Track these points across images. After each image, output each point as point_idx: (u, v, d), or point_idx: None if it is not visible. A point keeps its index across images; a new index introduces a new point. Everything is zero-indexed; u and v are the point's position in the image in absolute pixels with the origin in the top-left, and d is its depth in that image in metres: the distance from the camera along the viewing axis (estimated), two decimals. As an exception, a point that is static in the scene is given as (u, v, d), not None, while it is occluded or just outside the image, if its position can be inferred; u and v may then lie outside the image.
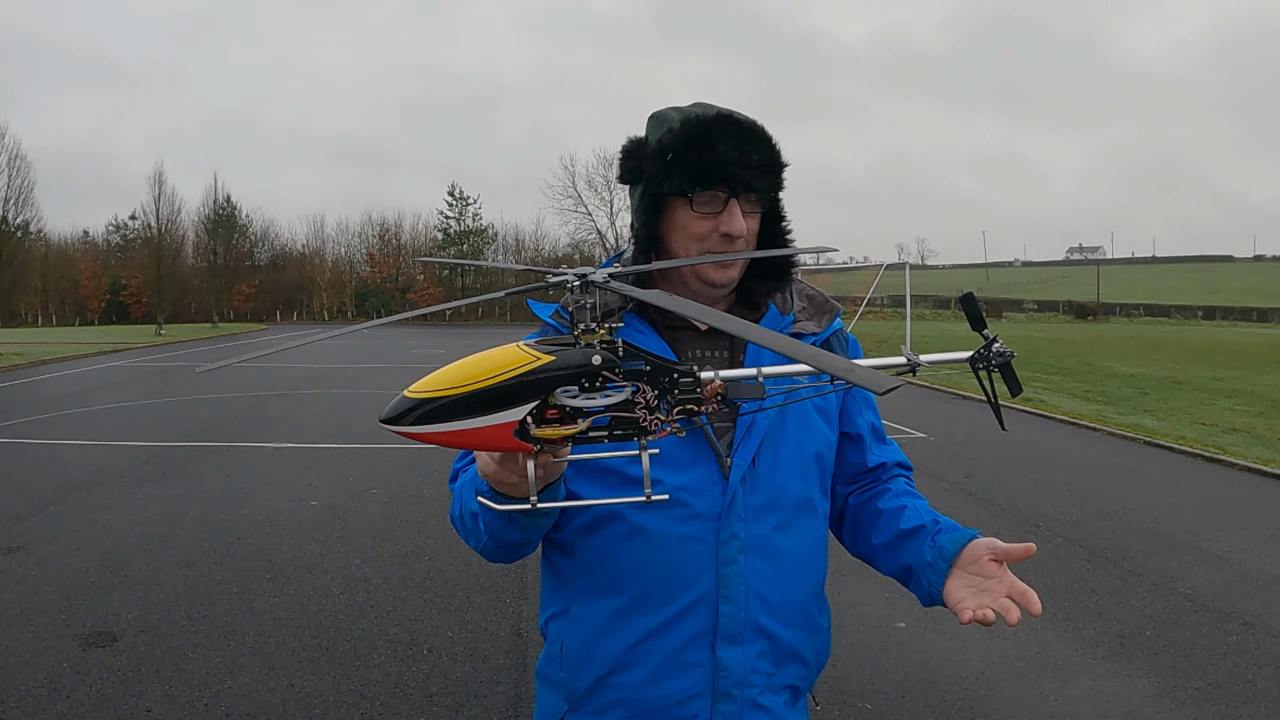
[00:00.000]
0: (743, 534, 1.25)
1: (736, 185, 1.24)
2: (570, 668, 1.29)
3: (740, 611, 1.25)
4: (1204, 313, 67.63)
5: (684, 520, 1.24)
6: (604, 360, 0.89)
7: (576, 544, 1.29)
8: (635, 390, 0.91)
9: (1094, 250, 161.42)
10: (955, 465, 8.05)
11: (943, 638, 4.03)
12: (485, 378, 0.87)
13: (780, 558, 1.28)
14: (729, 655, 1.25)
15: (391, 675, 3.64)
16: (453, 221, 63.87)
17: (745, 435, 1.26)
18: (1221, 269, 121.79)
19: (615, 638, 1.26)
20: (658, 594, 1.24)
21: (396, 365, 19.88)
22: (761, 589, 1.26)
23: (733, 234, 1.25)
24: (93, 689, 3.45)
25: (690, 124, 1.25)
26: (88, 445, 8.87)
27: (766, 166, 1.26)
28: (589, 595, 1.28)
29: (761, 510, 1.26)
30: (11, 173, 27.28)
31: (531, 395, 0.88)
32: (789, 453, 1.29)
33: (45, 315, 59.48)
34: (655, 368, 0.92)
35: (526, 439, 0.90)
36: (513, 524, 1.14)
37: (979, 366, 1.16)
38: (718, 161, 1.22)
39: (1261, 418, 11.31)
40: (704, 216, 1.26)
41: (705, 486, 1.24)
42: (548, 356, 0.88)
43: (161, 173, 56.37)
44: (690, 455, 1.24)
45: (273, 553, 5.22)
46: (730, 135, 1.24)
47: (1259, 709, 3.42)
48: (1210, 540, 5.68)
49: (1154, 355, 23.51)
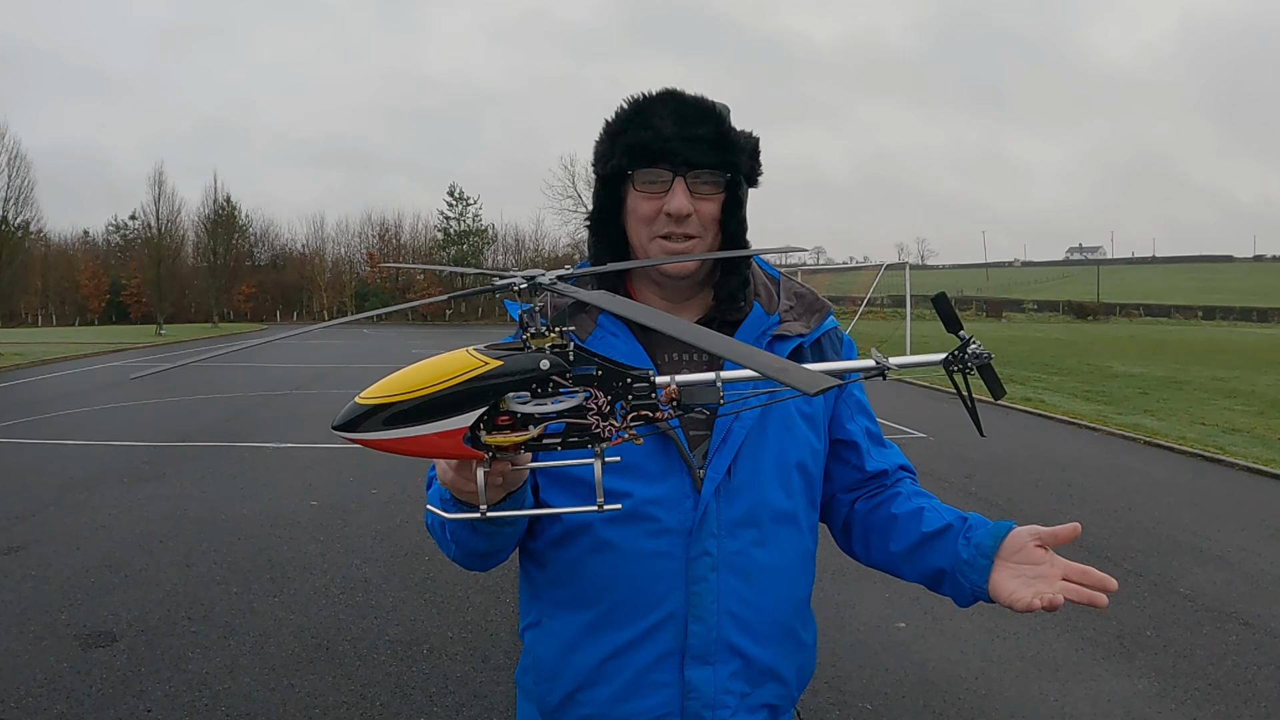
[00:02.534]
0: (715, 550, 1.19)
1: (677, 161, 1.18)
2: (542, 680, 1.27)
3: (711, 631, 1.19)
4: (1204, 313, 67.63)
5: (653, 535, 1.18)
6: (552, 365, 0.87)
7: (548, 556, 1.26)
8: (588, 396, 0.88)
9: (1094, 250, 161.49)
10: (955, 465, 8.05)
11: (943, 638, 4.03)
12: (434, 384, 0.85)
13: (756, 574, 1.22)
14: (698, 676, 1.20)
15: (391, 675, 3.64)
16: (453, 222, 63.88)
17: (720, 445, 1.19)
18: (1221, 269, 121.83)
19: (585, 652, 1.23)
20: (626, 610, 1.20)
21: (397, 365, 19.71)
22: (734, 607, 1.20)
23: (676, 213, 1.18)
24: (93, 689, 3.45)
25: (633, 102, 1.21)
26: (88, 445, 8.87)
27: (713, 141, 1.19)
28: (560, 608, 1.26)
29: (736, 525, 1.20)
30: (11, 173, 27.27)
31: (479, 401, 0.86)
32: (768, 463, 1.23)
33: (45, 315, 59.46)
34: (607, 372, 0.89)
35: (478, 446, 0.89)
36: (477, 533, 1.11)
37: (953, 369, 1.11)
38: (655, 137, 1.17)
39: (1261, 418, 11.31)
40: (648, 196, 1.20)
41: (676, 500, 1.19)
42: (496, 361, 0.86)
43: (161, 173, 56.37)
44: (662, 466, 1.19)
45: (273, 553, 5.22)
46: (671, 109, 1.19)
47: (1259, 709, 3.42)
48: (1210, 540, 5.68)
49: (1154, 355, 23.51)
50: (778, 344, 1.26)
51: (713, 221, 1.23)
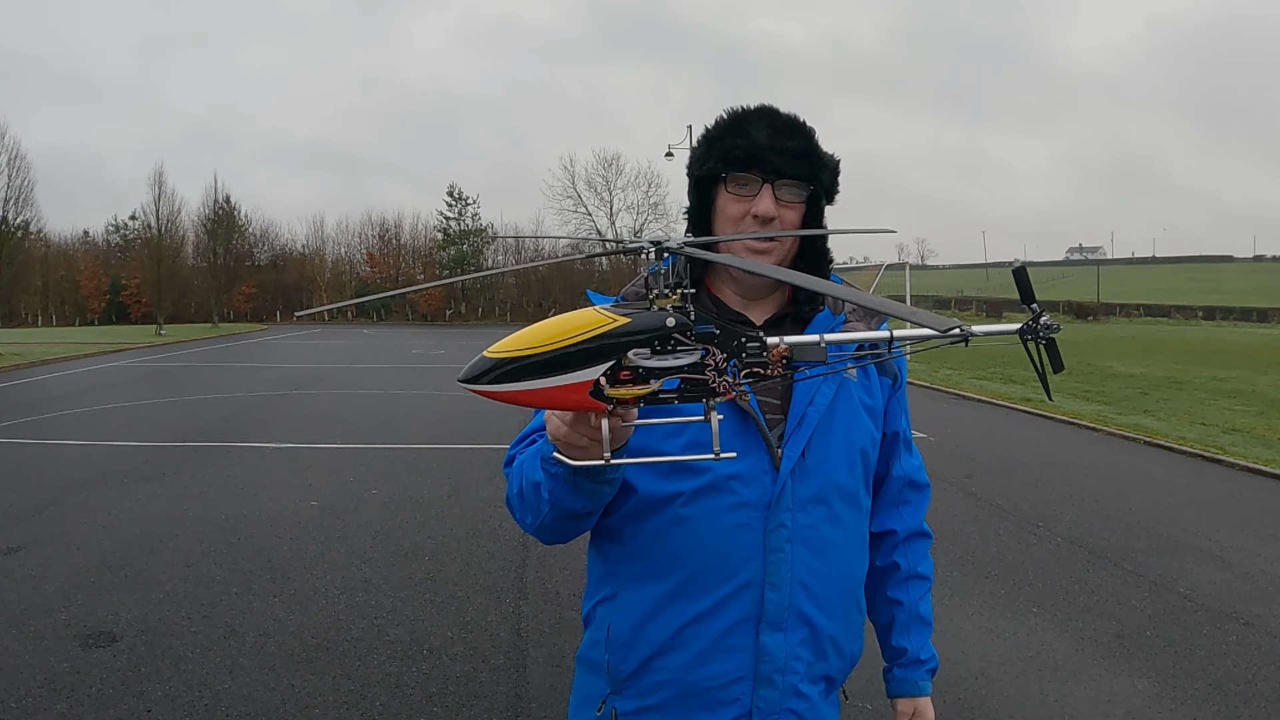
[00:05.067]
0: (790, 523, 1.28)
1: (768, 169, 1.29)
2: (616, 650, 1.33)
3: (785, 599, 1.28)
4: (1204, 313, 67.60)
5: (733, 508, 1.27)
6: (678, 323, 0.92)
7: (626, 530, 1.32)
8: (705, 353, 0.93)
9: (1094, 250, 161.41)
10: (955, 465, 8.05)
11: (943, 638, 4.03)
12: (564, 338, 0.90)
13: (825, 548, 1.31)
14: (772, 641, 1.28)
15: (391, 675, 3.64)
16: (452, 222, 63.86)
17: (796, 428, 1.29)
18: (1221, 269, 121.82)
19: (662, 621, 1.29)
20: (705, 579, 1.28)
21: (397, 365, 19.87)
22: (805, 578, 1.29)
23: (763, 215, 1.29)
24: (93, 689, 3.45)
25: (732, 113, 1.33)
26: (88, 445, 8.87)
27: (801, 154, 1.30)
28: (637, 580, 1.32)
29: (809, 501, 1.30)
30: (11, 173, 27.24)
31: (608, 356, 0.91)
32: (837, 446, 1.33)
33: (45, 315, 59.41)
34: (725, 331, 0.94)
35: (601, 399, 0.93)
36: (577, 490, 1.15)
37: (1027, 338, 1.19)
38: (750, 144, 1.28)
39: (1261, 418, 11.31)
40: (738, 198, 1.31)
41: (756, 476, 1.28)
42: (624, 319, 0.91)
43: (161, 173, 56.40)
44: (742, 445, 1.27)
45: (273, 553, 5.22)
46: (766, 122, 1.30)
47: (1259, 709, 3.42)
48: (1210, 540, 5.68)
49: (1154, 355, 23.51)
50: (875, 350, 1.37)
51: (793, 227, 1.33)
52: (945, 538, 5.63)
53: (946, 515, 6.20)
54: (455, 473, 7.53)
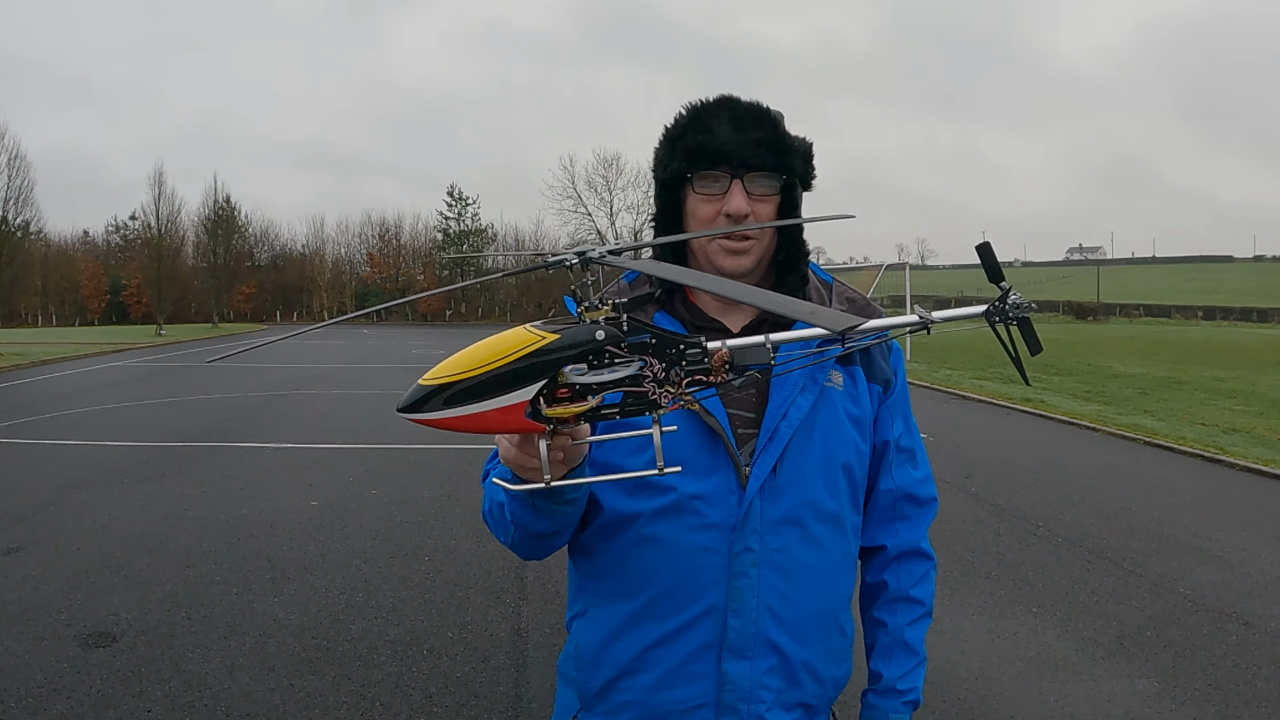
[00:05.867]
0: (757, 546, 1.22)
1: (736, 163, 1.21)
2: (584, 668, 1.30)
3: (749, 626, 1.22)
4: (1204, 313, 67.60)
5: (698, 529, 1.21)
6: (607, 335, 0.89)
7: (595, 547, 1.29)
8: (644, 364, 0.91)
9: (1094, 250, 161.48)
10: (955, 465, 8.05)
11: (943, 638, 4.03)
12: (493, 361, 0.87)
13: (798, 572, 1.24)
14: (736, 669, 1.23)
15: (391, 675, 3.64)
16: (452, 222, 63.91)
17: (767, 444, 1.22)
18: (1221, 269, 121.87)
19: (627, 642, 1.26)
20: (669, 602, 1.23)
21: (397, 365, 19.87)
22: (774, 604, 1.23)
23: (735, 214, 1.21)
24: (93, 689, 3.45)
25: (691, 108, 1.25)
26: (88, 445, 8.87)
27: (769, 143, 1.22)
28: (605, 599, 1.29)
29: (780, 523, 1.23)
30: (11, 173, 27.27)
31: (539, 375, 0.88)
32: (814, 463, 1.25)
33: (45, 315, 59.44)
34: (661, 340, 0.91)
35: (540, 419, 0.91)
36: (537, 512, 1.12)
37: (995, 320, 1.11)
38: (713, 140, 1.21)
39: (1261, 418, 11.31)
40: (707, 198, 1.23)
41: (722, 496, 1.22)
42: (553, 335, 0.89)
43: (161, 173, 56.41)
44: (709, 462, 1.21)
45: (273, 553, 5.22)
46: (728, 114, 1.22)
47: (1259, 709, 3.42)
48: (1210, 540, 5.68)
49: (1154, 355, 23.51)
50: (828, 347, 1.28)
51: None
52: (945, 538, 5.63)
53: (947, 515, 6.20)
54: (455, 473, 7.53)
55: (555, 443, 0.94)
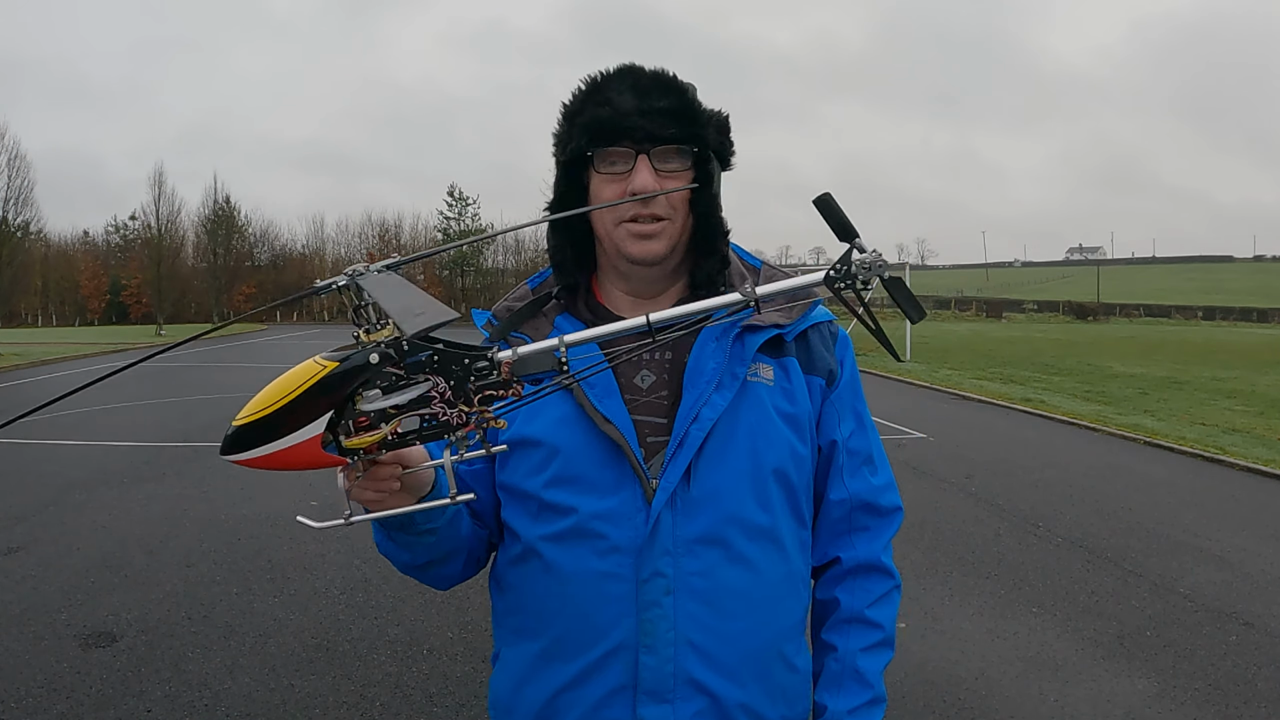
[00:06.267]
0: (670, 571, 1.05)
1: (640, 136, 1.07)
2: (500, 713, 1.18)
3: (667, 664, 1.06)
4: (1204, 313, 67.66)
5: (601, 555, 1.06)
6: (381, 357, 0.84)
7: (506, 578, 1.16)
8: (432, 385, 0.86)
9: (1094, 251, 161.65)
10: (955, 465, 8.05)
11: (943, 637, 4.03)
12: (283, 396, 0.84)
13: (724, 600, 1.07)
14: (654, 714, 1.06)
15: (391, 675, 3.64)
16: (453, 221, 63.93)
17: (676, 451, 1.06)
18: (1222, 269, 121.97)
19: (537, 686, 1.12)
20: (574, 640, 1.08)
21: (396, 365, 19.85)
22: (697, 637, 1.06)
23: (641, 191, 1.06)
24: (93, 689, 3.45)
25: (590, 81, 1.11)
26: (88, 445, 8.87)
27: (677, 113, 1.07)
28: (515, 636, 1.16)
29: (697, 542, 1.06)
30: (11, 173, 27.29)
31: (323, 407, 0.85)
32: (738, 470, 1.08)
33: (45, 315, 59.46)
34: (444, 356, 0.85)
35: (343, 451, 0.88)
36: (395, 544, 1.07)
37: (841, 286, 0.88)
38: (614, 113, 1.07)
39: (1261, 418, 11.32)
40: (611, 178, 1.09)
41: (628, 515, 1.06)
42: (333, 364, 0.85)
43: (161, 173, 56.46)
44: (614, 477, 1.07)
45: (273, 553, 5.22)
46: (630, 83, 1.08)
47: (1259, 709, 3.42)
48: (1210, 540, 5.68)
49: (1154, 355, 23.51)
50: (749, 335, 1.11)
51: (682, 202, 1.11)
52: (945, 538, 5.64)
53: (947, 515, 6.21)
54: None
55: (382, 472, 0.92)
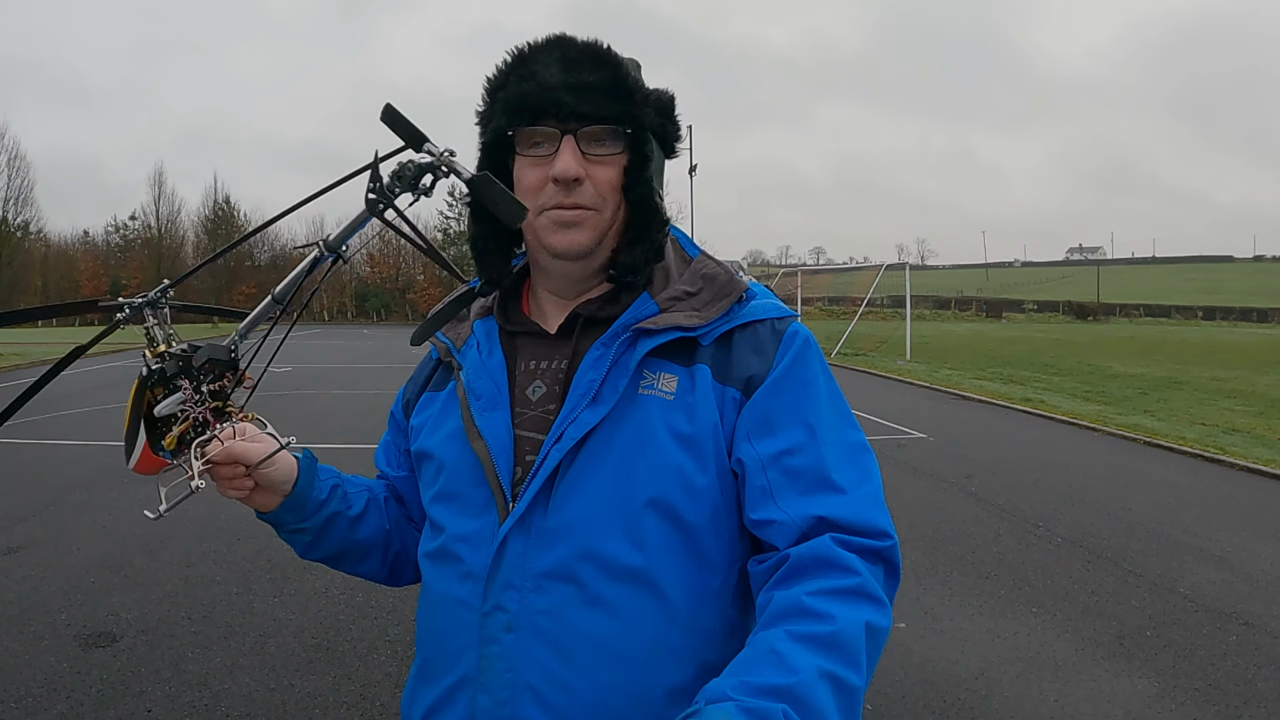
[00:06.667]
0: (513, 606, 0.93)
1: (565, 115, 0.94)
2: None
3: (502, 707, 0.93)
4: (1204, 313, 67.68)
5: (460, 579, 0.97)
6: (151, 371, 0.97)
7: None
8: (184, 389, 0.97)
9: (1094, 251, 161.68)
10: (955, 465, 8.05)
11: (943, 638, 4.03)
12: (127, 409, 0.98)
13: (574, 646, 0.92)
14: None
15: (391, 675, 3.64)
16: (453, 221, 63.96)
17: (536, 471, 0.94)
18: (1222, 269, 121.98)
19: (416, 703, 1.04)
20: (436, 664, 1.01)
21: (397, 365, 19.86)
22: (538, 684, 0.92)
23: (563, 176, 0.94)
24: (93, 689, 3.45)
25: (516, 52, 0.99)
26: (88, 445, 8.87)
27: (608, 89, 0.94)
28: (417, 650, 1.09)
29: (546, 576, 0.93)
30: (11, 173, 27.34)
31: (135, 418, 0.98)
32: (601, 499, 0.93)
33: (45, 315, 59.47)
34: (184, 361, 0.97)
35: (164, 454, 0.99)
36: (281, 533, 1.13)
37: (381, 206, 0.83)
38: (537, 88, 0.94)
39: (1261, 418, 11.31)
40: (534, 162, 0.96)
41: (485, 539, 0.96)
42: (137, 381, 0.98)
43: (161, 173, 56.52)
44: (484, 498, 0.97)
45: (273, 553, 5.22)
46: (557, 55, 0.96)
47: (1259, 709, 3.42)
48: (1210, 540, 5.68)
49: (1154, 355, 23.52)
50: (643, 339, 0.97)
51: (613, 190, 0.98)
52: (945, 538, 5.64)
53: (946, 515, 6.21)
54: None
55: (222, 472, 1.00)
